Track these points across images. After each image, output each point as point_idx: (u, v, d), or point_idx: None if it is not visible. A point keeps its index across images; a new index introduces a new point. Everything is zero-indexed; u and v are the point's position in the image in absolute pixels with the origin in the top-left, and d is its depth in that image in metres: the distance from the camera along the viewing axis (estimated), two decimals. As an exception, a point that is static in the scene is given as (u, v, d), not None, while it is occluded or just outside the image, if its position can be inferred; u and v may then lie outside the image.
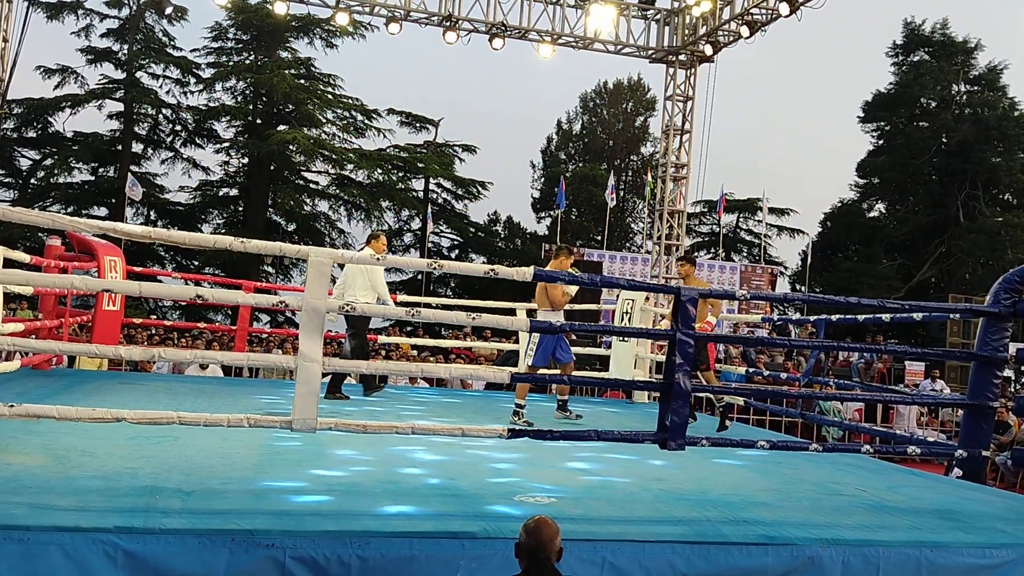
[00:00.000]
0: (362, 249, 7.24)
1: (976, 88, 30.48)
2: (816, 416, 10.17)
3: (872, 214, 32.11)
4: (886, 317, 6.33)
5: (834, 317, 7.53)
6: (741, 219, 31.80)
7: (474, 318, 4.57)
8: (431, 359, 13.25)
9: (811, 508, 4.67)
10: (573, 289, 7.00)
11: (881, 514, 4.61)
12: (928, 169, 30.14)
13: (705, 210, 30.60)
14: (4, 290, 6.81)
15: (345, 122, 27.67)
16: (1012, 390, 15.04)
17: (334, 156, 26.67)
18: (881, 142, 31.40)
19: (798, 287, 30.35)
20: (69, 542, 3.17)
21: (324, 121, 27.11)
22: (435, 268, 4.70)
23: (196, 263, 25.81)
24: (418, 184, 29.30)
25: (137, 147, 27.34)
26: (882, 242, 30.36)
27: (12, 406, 3.97)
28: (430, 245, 26.86)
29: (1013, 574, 3.98)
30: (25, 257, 7.94)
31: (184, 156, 27.68)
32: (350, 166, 27.22)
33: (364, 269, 7.43)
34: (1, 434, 4.89)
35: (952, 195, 29.35)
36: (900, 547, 3.97)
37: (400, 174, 28.66)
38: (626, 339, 9.65)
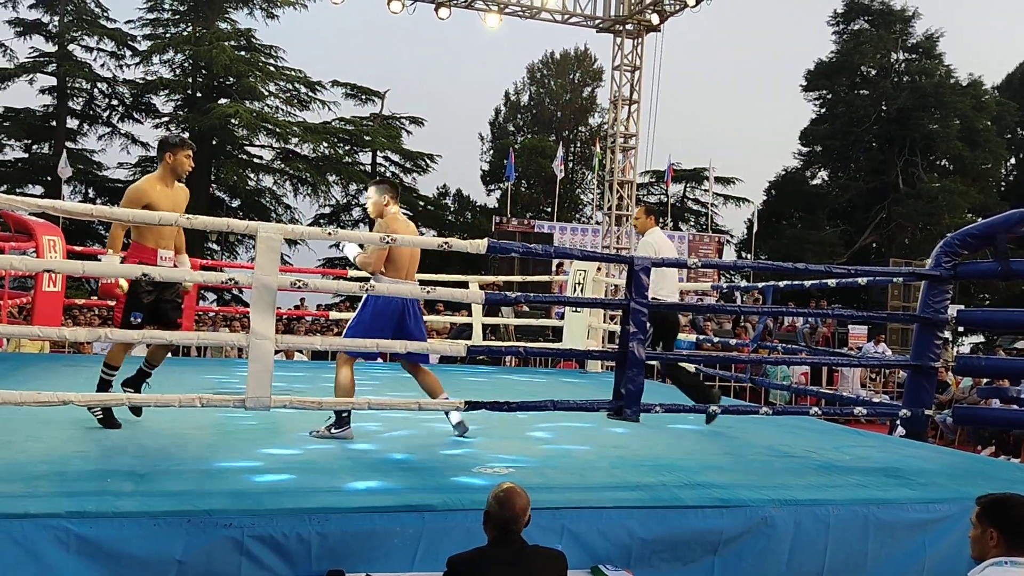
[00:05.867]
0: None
1: (914, 56, 31.09)
2: (765, 380, 10.39)
3: (815, 182, 32.69)
4: (831, 282, 6.46)
5: (781, 283, 7.67)
6: (688, 189, 32.11)
7: (428, 291, 4.55)
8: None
9: (763, 470, 4.77)
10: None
11: (830, 474, 4.73)
12: (869, 137, 30.72)
13: (653, 180, 30.81)
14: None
15: (288, 95, 27.17)
16: (955, 352, 15.52)
17: (278, 130, 26.17)
18: (823, 110, 31.91)
19: (744, 255, 30.83)
20: (18, 529, 3.08)
21: (266, 94, 26.58)
22: (388, 242, 4.65)
23: (138, 242, 25.16)
24: (365, 158, 29.00)
25: (72, 123, 26.54)
26: (825, 209, 30.95)
27: (-48, 392, 3.84)
28: (379, 219, 26.59)
29: (954, 527, 4.12)
30: (-42, 238, 7.67)
31: (122, 131, 26.99)
32: (295, 140, 26.77)
33: None
34: (-59, 421, 4.75)
35: (892, 162, 29.99)
36: (848, 505, 4.08)
37: (347, 147, 28.28)
38: (579, 309, 9.71)
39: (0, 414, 4.89)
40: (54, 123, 25.80)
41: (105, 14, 26.23)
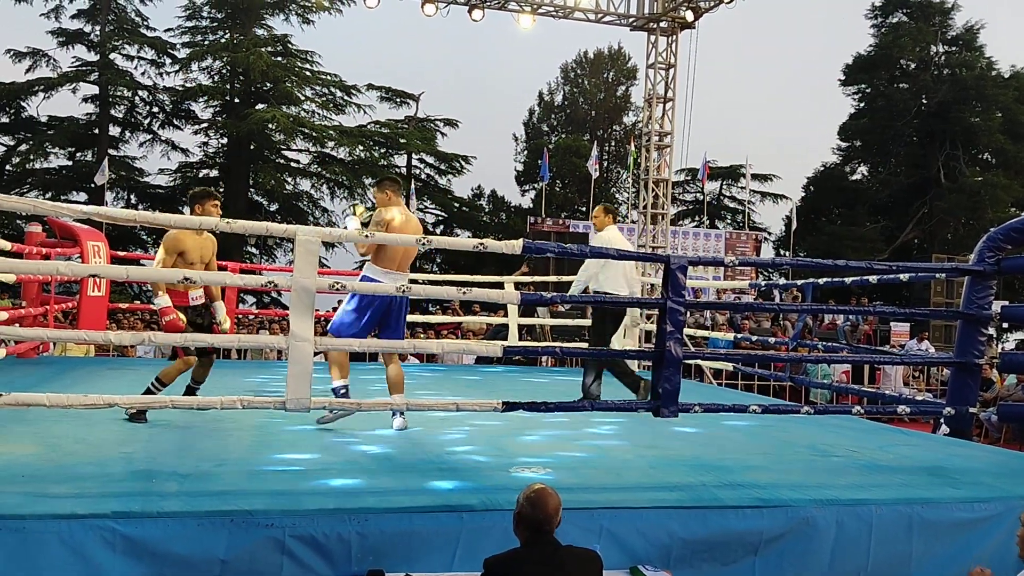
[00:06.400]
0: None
1: (954, 49, 30.49)
2: (805, 379, 10.25)
3: (855, 177, 32.20)
4: (872, 279, 6.37)
5: (821, 281, 7.57)
6: (724, 186, 31.84)
7: (465, 292, 4.56)
8: (421, 335, 13.26)
9: (804, 470, 4.72)
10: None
11: (873, 473, 4.67)
12: (909, 131, 30.20)
13: (688, 178, 30.61)
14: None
15: (324, 99, 27.44)
16: (1000, 349, 15.21)
17: (314, 134, 26.46)
18: (862, 105, 31.41)
19: (782, 252, 30.47)
20: (66, 529, 3.15)
21: (303, 98, 26.86)
22: (424, 244, 4.68)
23: (179, 246, 25.60)
24: (400, 160, 29.16)
25: (114, 130, 27.02)
26: (865, 204, 30.47)
27: (1, 395, 3.92)
28: (415, 221, 26.76)
29: (1000, 526, 4.05)
30: (6, 244, 7.81)
31: (162, 138, 27.44)
32: (331, 143, 27.04)
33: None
34: (-8, 423, 4.86)
35: (933, 156, 29.45)
36: (892, 505, 4.02)
37: (382, 150, 28.48)
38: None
39: (48, 416, 5.00)
40: (96, 131, 26.30)
41: (145, 23, 26.72)
